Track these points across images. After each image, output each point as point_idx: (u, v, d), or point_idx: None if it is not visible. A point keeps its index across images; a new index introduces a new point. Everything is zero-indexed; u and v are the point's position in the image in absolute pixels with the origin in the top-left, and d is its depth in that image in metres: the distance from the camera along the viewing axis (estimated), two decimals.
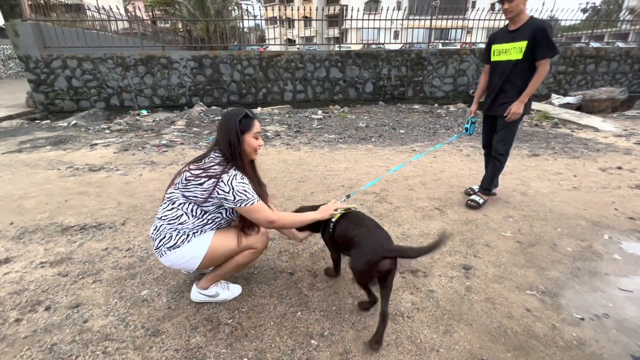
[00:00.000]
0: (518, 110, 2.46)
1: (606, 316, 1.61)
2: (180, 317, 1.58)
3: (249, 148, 1.51)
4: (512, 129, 2.61)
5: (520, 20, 2.41)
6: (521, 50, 2.39)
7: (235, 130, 1.45)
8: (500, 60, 2.55)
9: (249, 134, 1.49)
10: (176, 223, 1.48)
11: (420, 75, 8.23)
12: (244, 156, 1.50)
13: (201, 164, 1.47)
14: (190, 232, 1.49)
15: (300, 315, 1.60)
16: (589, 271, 1.95)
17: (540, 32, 2.30)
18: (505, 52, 2.51)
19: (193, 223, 1.48)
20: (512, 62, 2.46)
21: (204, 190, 1.43)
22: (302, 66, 7.82)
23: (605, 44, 13.88)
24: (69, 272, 1.92)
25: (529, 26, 2.37)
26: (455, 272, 1.93)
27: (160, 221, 1.50)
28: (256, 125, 1.52)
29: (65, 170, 3.69)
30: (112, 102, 7.41)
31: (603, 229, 2.42)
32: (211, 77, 7.59)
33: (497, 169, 2.72)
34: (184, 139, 5.06)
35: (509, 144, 2.65)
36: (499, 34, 2.59)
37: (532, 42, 2.34)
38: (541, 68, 2.37)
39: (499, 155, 2.67)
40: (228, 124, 1.46)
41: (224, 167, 1.44)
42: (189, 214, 1.48)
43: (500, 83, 2.55)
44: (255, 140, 1.52)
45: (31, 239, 2.29)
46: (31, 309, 1.63)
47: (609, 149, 4.47)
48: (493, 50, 2.61)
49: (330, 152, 4.40)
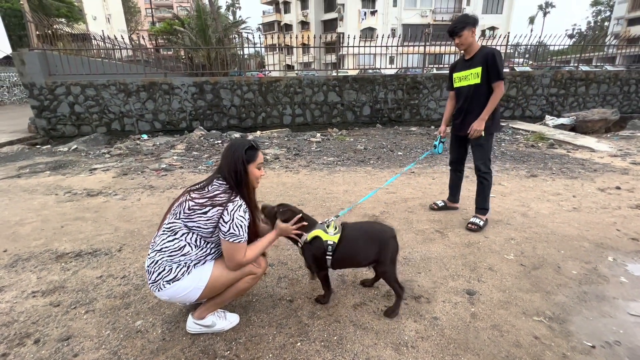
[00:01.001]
0: (479, 127, 2.66)
1: (617, 343, 1.55)
2: (175, 350, 1.51)
3: (252, 177, 1.55)
4: (485, 146, 2.75)
5: (473, 50, 2.68)
6: (478, 75, 2.65)
7: (242, 160, 1.48)
8: (462, 85, 2.80)
9: (253, 164, 1.53)
10: (178, 255, 1.44)
11: (416, 98, 8.43)
12: (249, 186, 1.54)
13: (205, 192, 1.46)
14: (191, 264, 1.45)
15: (300, 346, 1.53)
16: (596, 295, 1.90)
17: (490, 58, 2.56)
18: (465, 79, 2.76)
19: (196, 254, 1.46)
20: (473, 86, 2.70)
21: (208, 220, 1.41)
22: (301, 91, 8.01)
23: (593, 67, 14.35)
24: (61, 301, 1.86)
25: (480, 54, 2.64)
26: (459, 297, 1.88)
27: (160, 254, 1.44)
28: (260, 157, 1.56)
29: (63, 196, 3.67)
30: (114, 126, 7.51)
31: (607, 250, 2.39)
32: (211, 102, 7.75)
33: (486, 187, 2.81)
34: (183, 163, 5.08)
35: (488, 161, 2.80)
36: (458, 63, 2.86)
37: (485, 67, 2.59)
38: (497, 89, 2.61)
39: (484, 174, 2.78)
40: (235, 154, 1.48)
41: (229, 195, 1.45)
42: (192, 245, 1.45)
43: (465, 106, 2.80)
44: (258, 170, 1.56)
45: (24, 266, 2.23)
46: (19, 342, 1.56)
47: (606, 169, 4.50)
48: (455, 77, 2.87)
49: (329, 174, 4.41)
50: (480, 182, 2.81)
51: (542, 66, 11.04)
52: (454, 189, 3.14)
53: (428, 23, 31.58)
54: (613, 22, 38.98)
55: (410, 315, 1.74)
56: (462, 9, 33.37)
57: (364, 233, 1.72)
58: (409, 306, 1.80)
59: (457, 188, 3.14)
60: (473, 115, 2.72)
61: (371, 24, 32.45)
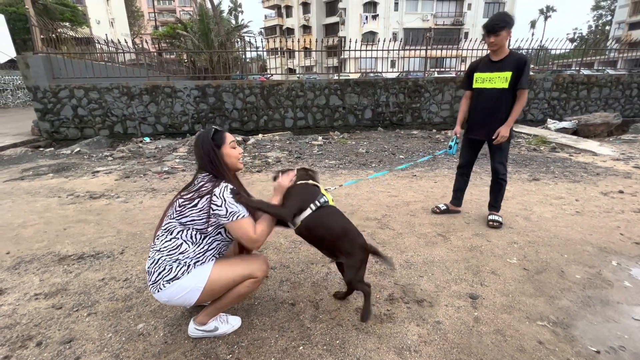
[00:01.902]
0: (506, 133, 2.66)
1: (622, 349, 1.54)
2: (177, 353, 1.51)
3: (231, 159, 1.56)
4: (505, 149, 2.78)
5: (503, 52, 2.63)
6: (507, 80, 2.60)
7: (212, 147, 1.50)
8: (485, 87, 2.73)
9: (225, 146, 1.54)
10: (177, 253, 1.44)
11: (418, 102, 8.45)
12: (229, 169, 1.56)
13: (191, 187, 1.49)
14: (191, 262, 1.45)
15: (302, 350, 1.53)
16: (601, 300, 1.89)
17: (523, 65, 2.54)
18: (489, 80, 2.70)
19: (194, 251, 1.45)
20: (498, 90, 2.66)
21: (200, 211, 1.42)
22: (303, 94, 8.04)
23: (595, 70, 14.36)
24: (63, 304, 1.86)
25: (512, 58, 2.60)
26: (462, 301, 1.87)
27: (159, 253, 1.45)
28: (228, 136, 1.57)
29: (66, 198, 3.68)
30: (116, 129, 7.54)
31: (610, 254, 2.38)
32: (214, 105, 7.78)
33: (503, 188, 2.89)
34: (185, 166, 5.10)
35: (507, 163, 2.85)
36: (482, 63, 2.79)
37: (516, 73, 2.55)
38: (522, 96, 2.61)
39: (502, 176, 2.83)
40: (204, 145, 1.51)
41: (214, 183, 1.46)
42: (189, 242, 1.45)
43: (487, 109, 2.74)
44: (234, 149, 1.57)
45: (27, 269, 2.24)
46: (22, 344, 1.56)
47: (609, 172, 4.48)
48: (476, 77, 2.79)
49: (331, 177, 4.41)
50: (499, 184, 2.86)
51: (544, 70, 11.05)
52: (459, 193, 3.13)
53: (429, 27, 31.71)
54: (614, 26, 39.05)
55: (412, 319, 1.73)
56: (464, 13, 33.52)
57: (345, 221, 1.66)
58: (411, 310, 1.80)
59: (463, 192, 3.13)
60: (496, 120, 2.69)
61: (372, 28, 32.61)
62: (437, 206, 3.19)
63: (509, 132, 2.65)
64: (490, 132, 2.71)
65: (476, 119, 2.83)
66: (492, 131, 2.69)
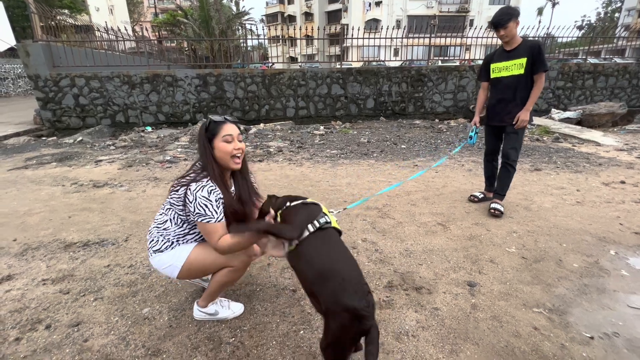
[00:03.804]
0: (525, 117, 2.72)
1: (616, 335, 1.57)
2: (181, 336, 1.55)
3: (221, 153, 1.43)
4: (521, 135, 2.84)
5: (516, 41, 2.72)
6: (522, 66, 2.68)
7: (203, 138, 1.45)
8: (503, 76, 2.81)
9: (217, 138, 1.42)
10: (161, 228, 1.52)
11: (421, 91, 8.36)
12: (216, 164, 1.44)
13: (185, 173, 1.51)
14: (173, 240, 1.51)
15: (303, 334, 1.57)
16: (597, 288, 1.92)
17: (536, 49, 2.63)
18: (506, 69, 2.78)
19: (174, 231, 1.51)
20: (515, 77, 2.73)
21: (178, 198, 1.45)
22: (304, 83, 7.98)
23: (602, 59, 14.11)
24: (70, 289, 1.91)
25: (524, 45, 2.69)
26: (460, 289, 1.91)
27: (153, 223, 1.56)
28: (225, 129, 1.42)
29: (70, 187, 3.72)
30: (118, 118, 7.54)
31: (609, 244, 2.40)
32: (215, 94, 7.75)
33: (511, 174, 2.94)
34: (187, 155, 5.11)
35: (519, 150, 2.89)
36: (496, 54, 2.88)
37: (531, 58, 2.63)
38: (539, 80, 2.68)
39: (513, 162, 2.88)
40: (199, 134, 1.48)
41: (197, 175, 1.43)
42: (172, 221, 1.51)
43: (505, 96, 2.81)
44: (227, 143, 1.42)
45: (34, 255, 2.29)
46: (31, 327, 1.61)
47: (612, 163, 4.46)
48: (493, 68, 2.88)
49: (332, 167, 4.42)
50: (507, 170, 2.91)
51: (550, 58, 10.86)
52: (492, 179, 3.18)
53: (434, 14, 31.10)
54: (624, 13, 38.10)
55: (411, 305, 1.76)
56: (469, 0, 32.76)
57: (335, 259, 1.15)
58: (410, 297, 1.83)
59: (494, 177, 3.17)
60: (514, 105, 2.76)
61: (376, 15, 31.99)
62: (474, 195, 3.22)
63: (529, 116, 2.72)
64: (510, 117, 2.79)
65: (496, 107, 2.89)
66: (510, 117, 2.78)
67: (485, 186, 3.26)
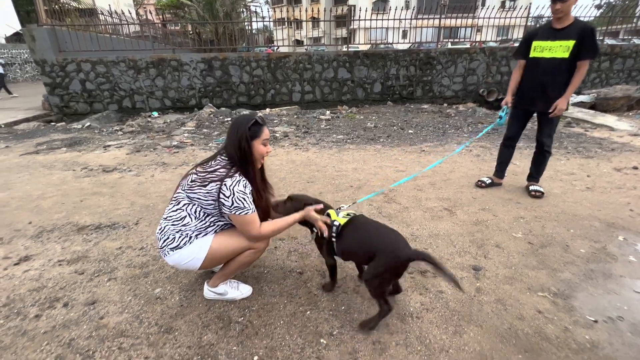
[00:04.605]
0: (563, 106, 2.57)
1: (621, 319, 1.58)
2: (192, 315, 1.61)
3: (257, 154, 1.53)
4: (556, 122, 2.78)
5: (568, 20, 2.50)
6: (568, 49, 2.48)
7: (246, 136, 1.47)
8: (544, 56, 2.61)
9: (258, 140, 1.51)
10: (179, 224, 1.51)
11: (429, 74, 8.17)
12: (253, 162, 1.53)
13: (207, 166, 1.50)
14: (192, 234, 1.52)
15: (309, 315, 1.61)
16: (603, 273, 1.92)
17: (588, 33, 2.41)
18: (549, 49, 2.57)
19: (195, 225, 1.52)
20: (558, 60, 2.54)
21: (207, 193, 1.45)
22: (310, 67, 7.85)
23: (620, 40, 13.52)
24: (85, 270, 1.98)
25: (576, 26, 2.46)
26: (465, 273, 1.92)
27: (165, 221, 1.54)
28: (265, 132, 1.53)
29: (80, 171, 3.79)
30: (125, 104, 7.57)
31: (618, 230, 2.38)
32: (220, 79, 7.69)
33: (547, 160, 2.93)
34: (194, 140, 5.14)
35: (553, 136, 2.85)
36: (541, 31, 2.65)
37: (580, 42, 2.42)
38: (583, 68, 2.49)
39: (548, 148, 2.86)
40: (239, 130, 1.48)
41: (228, 171, 1.46)
42: (192, 216, 1.51)
43: (543, 79, 2.64)
44: (264, 147, 1.54)
45: (49, 237, 2.36)
46: (50, 305, 1.69)
47: (625, 148, 4.36)
48: (535, 45, 2.66)
49: (338, 152, 4.41)
50: (543, 155, 2.90)
51: None
52: (504, 165, 3.13)
53: None
54: None
55: (416, 288, 1.79)
56: None
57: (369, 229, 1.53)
58: (415, 280, 1.86)
59: (507, 164, 3.13)
60: (553, 91, 2.60)
61: None
62: (481, 180, 3.18)
63: (567, 105, 2.58)
64: (545, 104, 2.64)
65: (531, 90, 2.73)
66: (547, 103, 2.62)
67: (495, 172, 3.18)
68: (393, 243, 1.41)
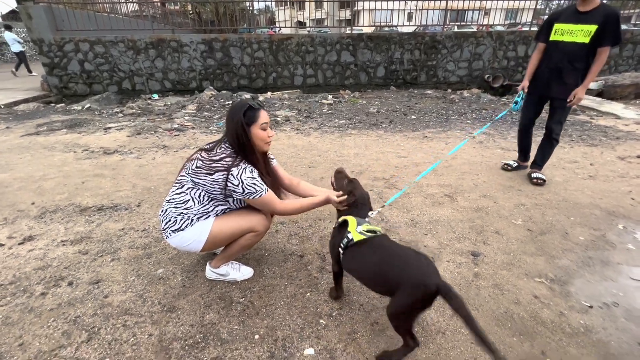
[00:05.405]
0: (582, 95, 2.50)
1: (616, 305, 1.60)
2: (194, 295, 1.64)
3: (257, 140, 1.50)
4: (568, 109, 2.71)
5: (593, 3, 2.39)
6: (589, 34, 2.39)
7: (241, 124, 1.45)
8: (563, 40, 2.53)
9: (255, 125, 1.48)
10: (182, 207, 1.52)
11: (434, 59, 8.00)
12: (254, 149, 1.51)
13: (213, 154, 1.49)
14: (194, 217, 1.53)
15: (309, 296, 1.64)
16: (601, 260, 1.93)
17: (612, 19, 2.31)
18: (570, 33, 2.49)
19: (198, 209, 1.53)
20: (578, 45, 2.46)
21: (213, 181, 1.46)
22: (313, 50, 7.69)
23: (632, 26, 13.13)
24: (88, 250, 2.00)
25: (601, 11, 2.36)
26: (463, 258, 1.94)
27: (168, 204, 1.55)
28: (262, 116, 1.48)
29: (81, 153, 3.78)
30: (124, 85, 7.47)
31: (618, 218, 2.38)
32: (221, 61, 7.55)
33: (554, 147, 2.91)
34: (195, 123, 5.10)
35: (564, 123, 2.81)
36: (565, 13, 2.56)
37: (602, 27, 2.33)
38: (603, 55, 2.40)
39: (556, 135, 2.82)
40: (234, 118, 1.46)
41: (233, 160, 1.45)
42: (196, 200, 1.51)
43: (561, 64, 2.57)
44: (263, 131, 1.50)
45: (52, 218, 2.38)
46: (55, 283, 1.72)
47: (630, 137, 4.31)
48: (555, 29, 2.57)
49: (340, 137, 4.38)
50: (551, 142, 2.87)
51: None
52: (526, 150, 3.14)
53: None
54: None
55: None
56: None
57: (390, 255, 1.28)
58: None
59: (529, 148, 3.12)
60: (569, 77, 2.54)
61: None
62: (507, 163, 3.20)
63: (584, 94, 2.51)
64: (560, 90, 2.59)
65: (547, 75, 2.67)
66: (562, 89, 2.57)
67: (519, 156, 3.20)
68: (419, 270, 1.19)
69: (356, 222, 1.42)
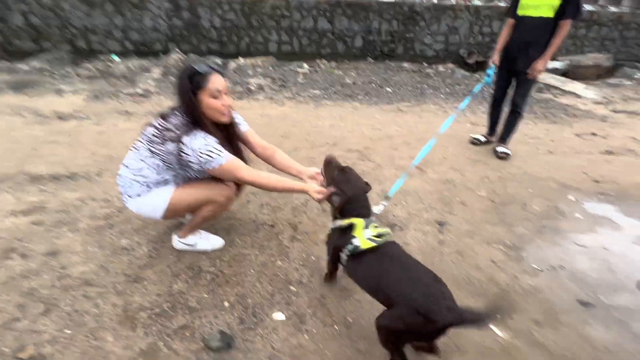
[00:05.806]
0: (541, 67, 2.58)
1: (562, 268, 1.76)
2: (161, 265, 1.60)
3: (209, 110, 1.35)
4: (531, 83, 2.78)
5: None
6: (553, 8, 2.45)
7: (188, 89, 1.31)
8: (530, 15, 2.58)
9: (204, 92, 1.32)
10: (138, 174, 1.44)
11: (412, 31, 7.88)
12: (205, 119, 1.36)
13: (166, 123, 1.38)
14: (151, 184, 1.45)
15: (280, 264, 1.66)
16: (552, 228, 2.09)
17: None
18: (535, 8, 2.54)
19: (155, 178, 1.44)
20: (543, 20, 2.52)
21: (168, 152, 1.36)
22: (289, 14, 7.28)
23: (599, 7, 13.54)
24: (42, 221, 1.87)
25: None
26: (430, 227, 2.03)
27: (125, 168, 1.47)
28: (213, 82, 1.32)
29: (31, 118, 3.44)
30: (79, 44, 6.75)
31: (570, 190, 2.56)
32: (189, 22, 6.98)
33: (518, 121, 2.97)
34: (160, 89, 4.77)
35: (528, 98, 2.87)
36: None
37: (565, 1, 2.38)
38: (564, 27, 2.47)
39: (520, 109, 2.90)
40: (180, 84, 1.33)
41: (185, 128, 1.33)
42: (152, 168, 1.42)
43: (526, 38, 2.63)
44: (214, 99, 1.33)
45: (0, 187, 2.18)
46: (6, 256, 1.61)
47: (587, 115, 4.58)
48: (522, 4, 2.62)
49: (315, 108, 4.28)
50: (515, 117, 2.95)
51: None
52: (494, 124, 3.23)
53: None
54: None
55: None
56: None
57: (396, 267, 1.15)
58: None
59: (497, 123, 3.21)
60: (534, 51, 2.59)
61: None
62: (476, 138, 3.28)
63: (545, 66, 2.58)
64: (525, 63, 2.65)
65: (514, 49, 2.73)
66: (528, 63, 2.63)
67: (487, 130, 3.31)
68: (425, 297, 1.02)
69: (362, 223, 1.24)
